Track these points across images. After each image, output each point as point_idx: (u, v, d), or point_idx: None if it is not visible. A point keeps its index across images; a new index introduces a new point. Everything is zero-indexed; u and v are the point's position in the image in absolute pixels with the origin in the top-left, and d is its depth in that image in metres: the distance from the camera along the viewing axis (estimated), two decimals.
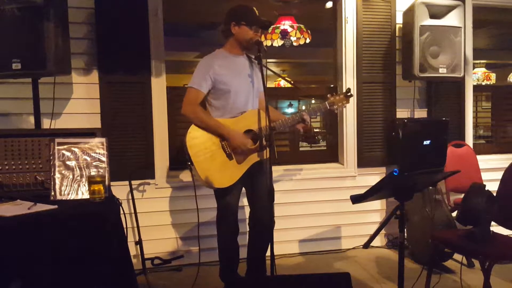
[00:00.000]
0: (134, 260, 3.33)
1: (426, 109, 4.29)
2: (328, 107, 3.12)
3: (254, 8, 2.99)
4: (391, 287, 3.35)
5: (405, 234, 3.63)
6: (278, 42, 5.17)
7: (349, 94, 3.18)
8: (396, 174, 2.35)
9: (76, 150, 2.53)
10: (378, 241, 4.29)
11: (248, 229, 3.22)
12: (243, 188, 3.14)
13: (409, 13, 3.94)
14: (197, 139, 2.89)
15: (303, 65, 8.55)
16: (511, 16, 4.81)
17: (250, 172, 2.97)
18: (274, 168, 2.74)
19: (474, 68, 6.32)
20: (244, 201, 3.24)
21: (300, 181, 4.10)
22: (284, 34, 5.10)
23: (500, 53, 7.50)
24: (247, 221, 3.22)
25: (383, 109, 4.20)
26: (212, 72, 2.93)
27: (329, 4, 4.32)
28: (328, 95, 3.17)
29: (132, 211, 3.58)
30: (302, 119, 3.04)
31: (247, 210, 3.23)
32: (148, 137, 3.71)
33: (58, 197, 2.43)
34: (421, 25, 3.82)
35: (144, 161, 3.70)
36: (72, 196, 2.45)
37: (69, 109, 3.56)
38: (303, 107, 7.50)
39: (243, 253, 3.24)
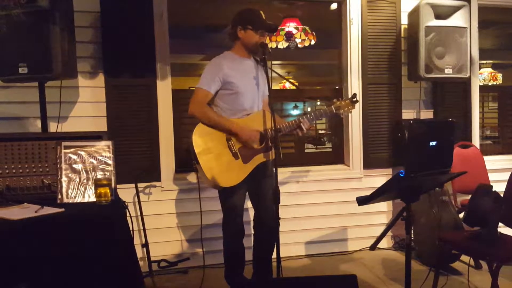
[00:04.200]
0: (140, 263, 3.34)
1: (432, 110, 4.27)
2: (334, 111, 3.12)
3: (261, 12, 3.00)
4: None
5: (412, 236, 3.61)
6: (283, 44, 5.17)
7: (355, 99, 3.17)
8: (402, 175, 2.35)
9: (82, 153, 2.54)
10: (385, 242, 4.27)
11: (253, 232, 3.23)
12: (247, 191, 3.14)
13: (414, 14, 3.93)
14: (203, 138, 2.89)
15: (308, 67, 8.54)
16: None
17: (254, 173, 2.98)
18: (279, 170, 2.74)
19: (480, 68, 6.30)
20: (248, 203, 3.24)
21: (305, 183, 4.09)
22: (289, 36, 5.10)
23: (507, 53, 7.45)
24: (252, 223, 3.23)
25: (388, 110, 4.19)
26: (221, 74, 2.94)
27: (334, 6, 4.32)
28: (334, 100, 3.17)
29: (139, 213, 3.59)
30: (299, 126, 3.04)
31: (252, 212, 3.23)
32: (154, 140, 3.72)
33: (65, 200, 2.44)
34: (426, 26, 3.81)
35: (150, 163, 3.71)
36: (78, 199, 2.46)
37: (75, 112, 3.58)
38: (309, 109, 7.49)
39: (248, 255, 3.23)
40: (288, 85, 7.82)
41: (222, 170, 2.88)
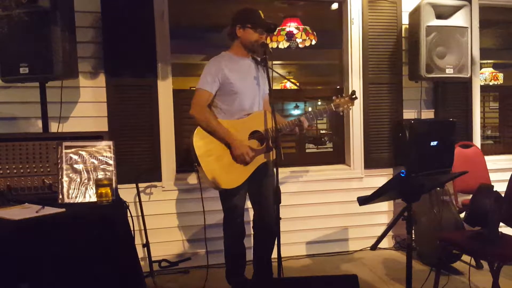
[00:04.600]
0: (141, 263, 3.33)
1: (433, 110, 4.27)
2: (334, 109, 3.13)
3: (260, 11, 3.01)
4: None
5: (413, 236, 3.61)
6: (284, 44, 5.17)
7: (354, 96, 3.17)
8: (403, 175, 2.34)
9: (83, 153, 2.54)
10: (386, 242, 4.27)
11: (252, 232, 3.23)
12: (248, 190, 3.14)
13: (415, 14, 3.93)
14: (204, 140, 2.89)
15: (309, 67, 8.53)
16: None
17: (255, 173, 2.98)
18: (280, 169, 2.73)
19: (481, 68, 6.28)
20: (248, 203, 3.23)
21: (306, 182, 4.09)
22: (290, 36, 5.10)
23: (508, 53, 7.44)
24: (252, 223, 3.23)
25: (389, 110, 4.19)
26: (221, 74, 2.94)
27: (334, 6, 4.32)
28: (333, 97, 3.17)
29: (139, 213, 3.59)
30: (299, 125, 3.05)
31: (252, 212, 3.23)
32: (154, 140, 3.72)
33: (66, 200, 2.44)
34: (427, 26, 3.81)
35: (151, 163, 3.71)
36: (79, 199, 2.46)
37: (76, 112, 3.59)
38: (310, 109, 7.49)
39: (249, 255, 3.23)
40: (289, 85, 7.82)
41: (223, 172, 2.88)
